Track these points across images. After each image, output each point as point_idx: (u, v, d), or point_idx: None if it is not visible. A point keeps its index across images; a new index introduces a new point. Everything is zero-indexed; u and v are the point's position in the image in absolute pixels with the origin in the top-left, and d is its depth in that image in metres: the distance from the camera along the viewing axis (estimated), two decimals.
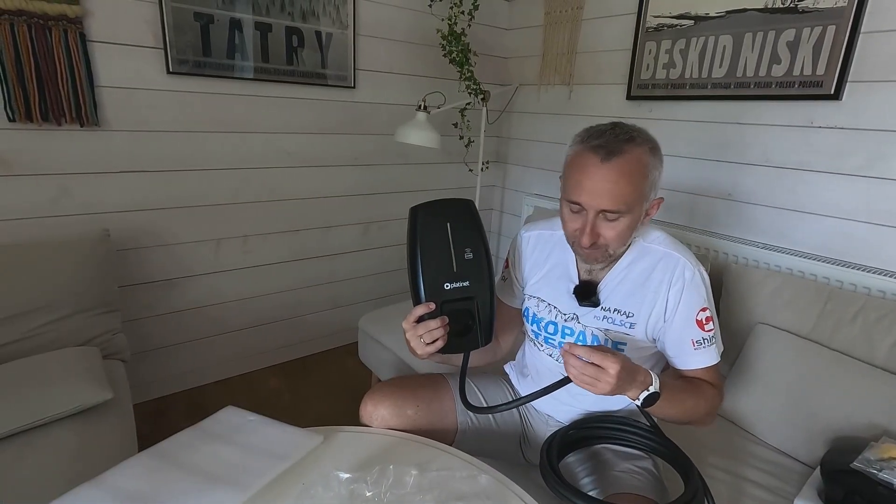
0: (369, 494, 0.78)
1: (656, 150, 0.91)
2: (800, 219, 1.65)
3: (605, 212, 0.88)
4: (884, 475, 0.97)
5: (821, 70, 1.52)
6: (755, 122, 1.70)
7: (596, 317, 1.01)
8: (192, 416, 1.10)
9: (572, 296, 1.02)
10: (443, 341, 0.92)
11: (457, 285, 0.92)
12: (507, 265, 1.17)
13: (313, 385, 2.16)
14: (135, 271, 1.82)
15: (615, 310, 0.99)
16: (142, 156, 1.73)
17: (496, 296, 0.99)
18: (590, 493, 0.89)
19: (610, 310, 1.00)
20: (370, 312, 1.95)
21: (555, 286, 1.06)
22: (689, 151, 1.89)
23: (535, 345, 1.13)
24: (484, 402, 1.16)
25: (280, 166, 2.05)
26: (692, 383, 0.98)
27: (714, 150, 1.83)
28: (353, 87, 2.14)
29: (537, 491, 0.92)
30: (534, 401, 0.94)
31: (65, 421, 1.15)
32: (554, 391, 0.87)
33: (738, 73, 1.70)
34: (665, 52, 1.89)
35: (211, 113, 1.83)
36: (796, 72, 1.57)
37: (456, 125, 2.22)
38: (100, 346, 1.45)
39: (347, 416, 1.13)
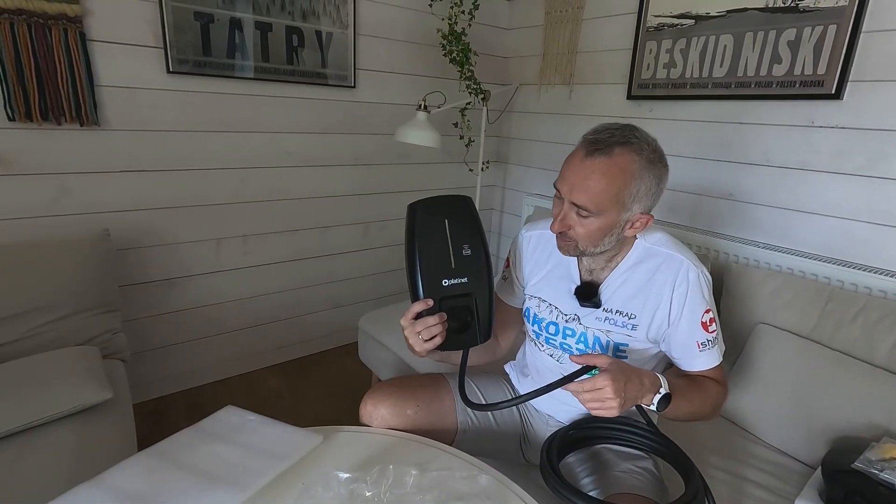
0: (369, 494, 0.77)
1: (655, 164, 0.87)
2: (801, 219, 1.65)
3: (576, 206, 0.88)
4: (885, 475, 0.97)
5: (822, 70, 1.52)
6: (756, 122, 1.70)
7: (597, 318, 1.00)
8: (191, 416, 1.10)
9: (573, 296, 1.01)
10: (441, 338, 0.91)
11: (455, 282, 0.92)
12: (507, 264, 1.17)
13: (313, 385, 2.16)
14: (135, 271, 1.82)
15: (617, 311, 0.99)
16: (142, 155, 1.73)
17: (496, 295, 0.99)
18: (590, 494, 0.89)
19: (612, 311, 0.99)
20: (370, 312, 1.95)
21: (556, 286, 1.06)
22: (690, 151, 1.89)
23: (535, 345, 1.13)
24: (484, 401, 1.16)
25: (280, 166, 2.04)
26: (696, 381, 0.98)
27: (715, 149, 1.83)
28: (354, 87, 2.13)
29: (537, 491, 0.92)
30: (534, 399, 0.93)
31: (64, 421, 1.15)
32: (554, 389, 0.87)
33: (739, 73, 1.70)
34: (666, 51, 1.89)
35: (211, 113, 1.83)
36: (797, 71, 1.57)
37: (456, 125, 2.22)
38: (100, 345, 1.45)
39: (347, 416, 1.13)
